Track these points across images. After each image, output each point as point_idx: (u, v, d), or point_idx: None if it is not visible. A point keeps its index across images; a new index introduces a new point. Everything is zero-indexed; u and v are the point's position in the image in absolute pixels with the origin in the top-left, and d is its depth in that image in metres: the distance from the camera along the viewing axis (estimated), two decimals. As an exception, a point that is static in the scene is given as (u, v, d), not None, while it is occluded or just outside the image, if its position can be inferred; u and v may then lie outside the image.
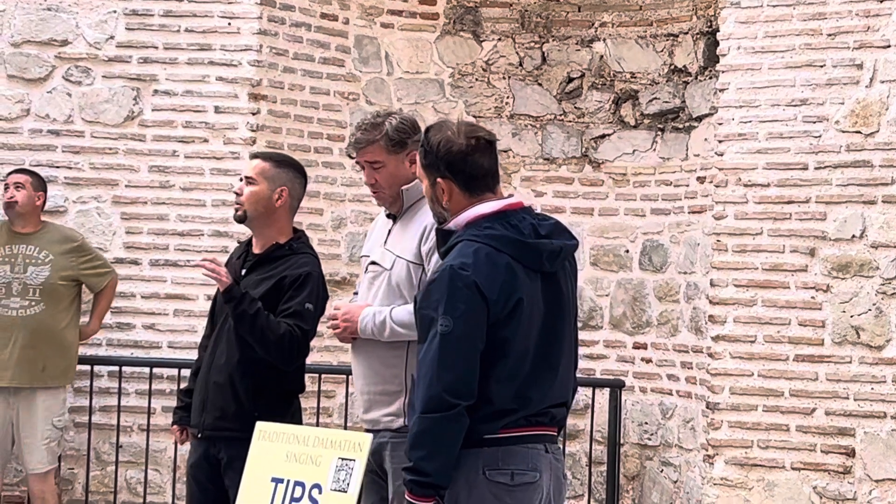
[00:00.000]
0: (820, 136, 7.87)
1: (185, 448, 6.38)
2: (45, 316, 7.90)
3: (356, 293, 5.74)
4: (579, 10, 9.29)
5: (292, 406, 5.91)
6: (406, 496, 4.28)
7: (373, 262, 5.43)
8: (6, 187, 8.03)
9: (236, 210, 5.90)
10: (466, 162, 4.45)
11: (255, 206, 5.86)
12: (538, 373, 4.40)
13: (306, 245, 6.00)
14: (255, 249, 5.94)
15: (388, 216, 5.49)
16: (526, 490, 4.38)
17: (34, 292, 7.89)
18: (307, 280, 5.80)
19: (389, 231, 5.44)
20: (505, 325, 4.31)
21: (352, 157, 5.61)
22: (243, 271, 5.90)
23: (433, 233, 5.10)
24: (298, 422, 5.93)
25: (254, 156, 6.12)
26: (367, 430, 5.38)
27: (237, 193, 5.90)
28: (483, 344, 4.28)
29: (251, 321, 5.64)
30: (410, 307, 5.13)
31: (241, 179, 5.98)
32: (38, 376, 7.88)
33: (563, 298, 4.50)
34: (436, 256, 5.09)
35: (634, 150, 9.14)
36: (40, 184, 8.13)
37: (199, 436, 5.84)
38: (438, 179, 4.46)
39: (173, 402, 6.73)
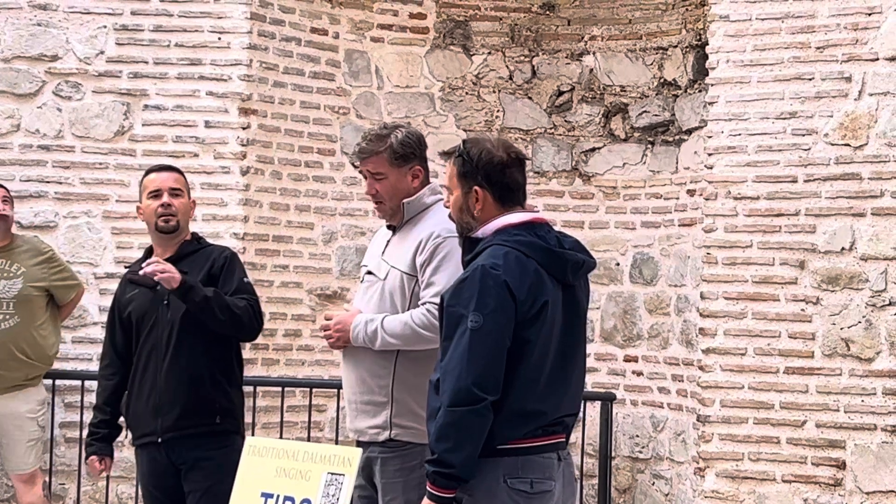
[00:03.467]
0: (809, 149, 7.89)
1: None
2: (21, 328, 7.86)
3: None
4: (569, 24, 9.31)
5: (243, 397, 6.13)
6: (428, 487, 4.39)
7: (369, 272, 5.47)
8: None
9: (168, 221, 6.04)
10: (504, 174, 4.66)
11: (185, 217, 6.10)
12: (554, 382, 4.53)
13: (204, 239, 6.26)
14: (165, 255, 6.03)
15: (389, 227, 5.52)
16: (543, 497, 4.52)
17: (8, 306, 7.85)
18: (233, 261, 6.05)
19: (388, 242, 5.46)
20: (529, 326, 4.45)
21: (355, 166, 5.65)
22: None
23: (428, 245, 5.17)
24: (244, 414, 6.15)
25: (165, 168, 6.26)
26: (359, 442, 5.41)
27: (167, 205, 6.03)
28: (510, 341, 4.42)
29: (213, 303, 5.80)
30: (402, 317, 5.19)
31: (155, 194, 6.05)
32: (18, 385, 7.86)
33: (579, 313, 4.67)
34: (430, 268, 5.15)
35: (624, 164, 9.15)
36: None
37: (160, 441, 5.88)
38: (475, 188, 4.63)
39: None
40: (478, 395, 4.33)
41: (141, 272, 5.82)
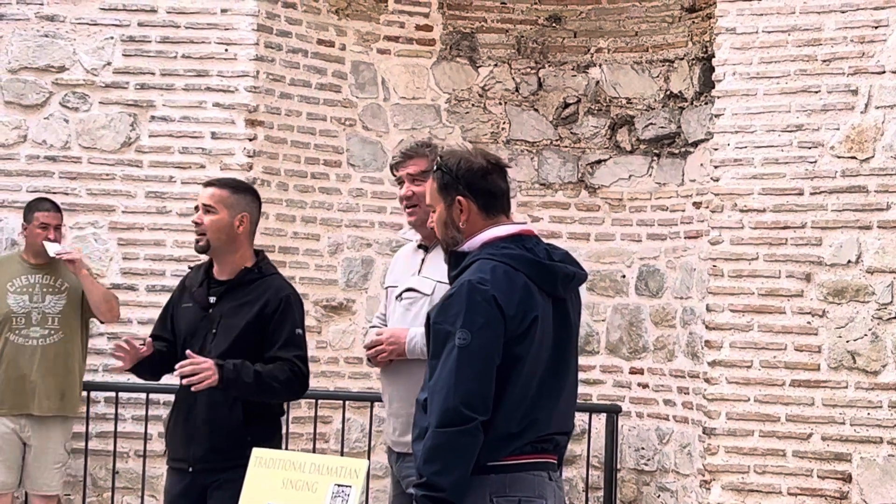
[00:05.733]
0: (815, 162, 7.89)
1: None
2: (63, 344, 7.95)
3: (373, 325, 5.77)
4: (575, 36, 9.32)
5: (279, 427, 5.94)
6: None
7: (409, 290, 5.49)
8: (44, 226, 7.96)
9: (197, 241, 5.83)
10: (487, 180, 4.50)
11: (217, 235, 5.81)
12: (544, 398, 4.39)
13: (270, 265, 5.99)
14: (221, 276, 5.88)
15: (420, 247, 5.53)
16: None
17: (53, 321, 7.93)
18: (289, 305, 5.78)
19: (423, 260, 5.51)
20: (519, 343, 4.30)
21: (394, 174, 5.66)
22: (212, 299, 5.85)
23: None
24: (280, 444, 5.94)
25: (209, 184, 6.02)
26: (400, 454, 5.43)
27: (196, 223, 5.83)
28: (500, 359, 4.27)
29: (256, 387, 5.63)
30: None
31: (196, 209, 5.90)
32: (57, 404, 7.92)
33: (570, 326, 4.52)
34: None
35: (630, 176, 9.16)
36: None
37: (190, 470, 5.78)
38: (458, 198, 4.47)
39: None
40: (467, 416, 4.18)
41: (176, 372, 5.65)
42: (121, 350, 5.84)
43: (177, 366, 5.67)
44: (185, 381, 5.63)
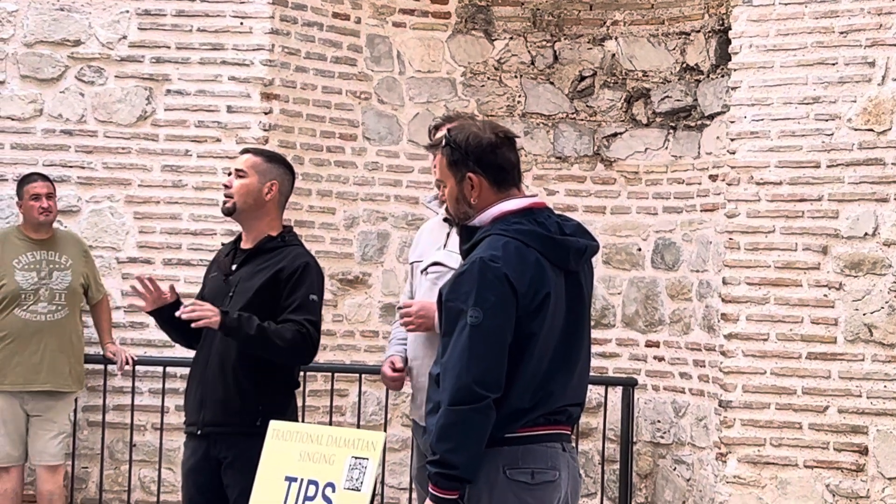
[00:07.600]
0: (832, 134, 7.87)
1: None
2: (68, 320, 8.04)
3: (401, 306, 5.76)
4: (591, 9, 9.29)
5: (293, 400, 5.92)
6: (430, 489, 4.24)
7: (436, 263, 5.48)
8: (35, 197, 8.02)
9: (224, 203, 5.86)
10: (496, 154, 4.44)
11: (244, 199, 5.83)
12: (557, 371, 4.39)
13: (295, 237, 6.00)
14: (245, 244, 5.90)
15: (446, 220, 5.51)
16: (546, 489, 4.36)
17: (60, 297, 8.00)
18: (306, 271, 5.77)
19: (448, 234, 5.51)
20: (532, 320, 4.29)
21: (431, 138, 5.66)
22: (234, 266, 5.87)
23: None
24: (295, 417, 5.93)
25: (244, 150, 6.08)
26: (423, 428, 5.43)
27: (226, 186, 5.87)
28: (511, 336, 4.26)
29: (259, 340, 5.60)
30: None
31: (229, 173, 5.95)
32: (65, 379, 7.98)
33: (583, 298, 4.51)
34: None
35: (646, 149, 9.14)
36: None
37: (199, 433, 5.77)
38: (469, 175, 4.43)
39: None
40: (479, 394, 4.19)
41: (178, 313, 5.65)
42: (142, 286, 5.84)
43: (181, 308, 5.68)
44: (184, 317, 5.61)
